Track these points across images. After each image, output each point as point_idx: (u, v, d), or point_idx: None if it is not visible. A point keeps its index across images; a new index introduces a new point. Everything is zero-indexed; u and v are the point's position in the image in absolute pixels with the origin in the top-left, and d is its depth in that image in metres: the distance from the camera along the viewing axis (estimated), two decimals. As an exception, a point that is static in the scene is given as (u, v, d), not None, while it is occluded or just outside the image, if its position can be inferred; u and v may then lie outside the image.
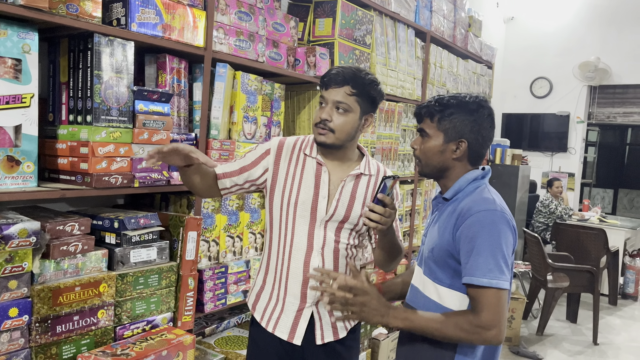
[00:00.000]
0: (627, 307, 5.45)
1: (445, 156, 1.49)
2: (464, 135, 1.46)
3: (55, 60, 1.88)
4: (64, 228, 1.66)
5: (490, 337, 1.32)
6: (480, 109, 1.47)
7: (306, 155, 1.70)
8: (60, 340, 1.63)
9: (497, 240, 1.35)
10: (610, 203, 10.89)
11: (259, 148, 1.75)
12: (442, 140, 1.48)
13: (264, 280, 1.76)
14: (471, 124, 1.46)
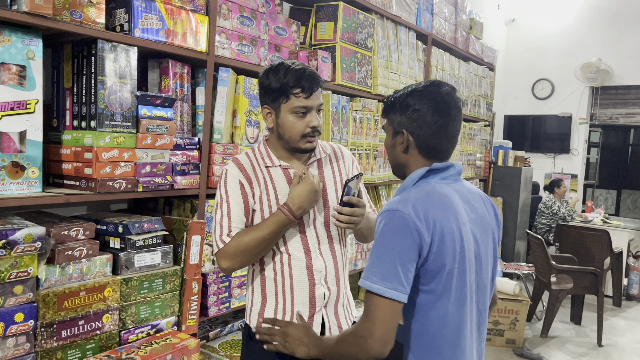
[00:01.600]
0: (632, 308, 5.44)
1: (396, 151, 1.38)
2: (404, 125, 1.33)
3: (59, 66, 1.89)
4: (69, 233, 1.67)
5: (370, 346, 1.17)
6: (420, 94, 1.32)
7: (268, 167, 1.64)
8: (66, 345, 1.63)
9: (392, 244, 1.20)
10: (613, 204, 10.86)
11: (229, 187, 1.59)
12: (391, 135, 1.39)
13: (263, 297, 1.65)
14: (410, 112, 1.31)
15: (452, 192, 1.32)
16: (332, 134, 2.82)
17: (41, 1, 1.52)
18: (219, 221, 1.59)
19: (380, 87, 3.24)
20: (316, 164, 1.71)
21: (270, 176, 1.63)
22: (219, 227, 1.58)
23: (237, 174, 1.61)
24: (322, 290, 1.65)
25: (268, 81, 1.58)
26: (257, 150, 1.69)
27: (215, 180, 2.19)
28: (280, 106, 1.58)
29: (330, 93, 2.82)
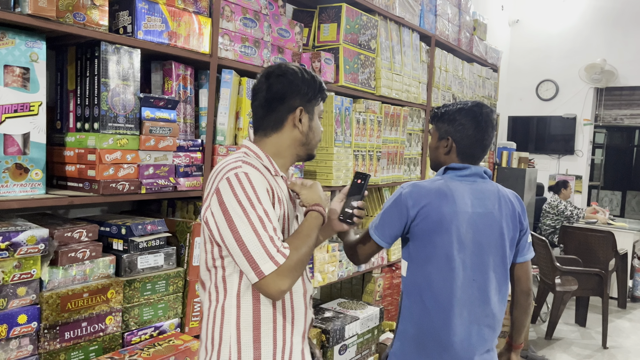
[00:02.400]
0: (637, 310, 5.41)
1: (439, 152, 1.76)
2: (450, 133, 1.71)
3: (62, 68, 1.90)
4: (72, 235, 1.67)
5: (355, 260, 1.77)
6: (466, 112, 1.69)
7: (274, 176, 1.40)
8: (69, 346, 1.63)
9: (387, 210, 1.69)
10: (618, 205, 10.81)
11: (260, 191, 1.27)
12: (437, 139, 1.77)
13: (256, 338, 1.32)
14: (457, 125, 1.69)
15: (461, 187, 1.65)
16: (335, 135, 2.82)
17: (44, 3, 1.53)
18: (264, 231, 1.22)
19: (384, 88, 3.23)
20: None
21: (278, 185, 1.40)
22: (269, 239, 1.22)
23: (262, 179, 1.31)
24: (310, 315, 1.48)
25: (307, 79, 1.40)
26: (254, 156, 1.39)
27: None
28: (313, 108, 1.43)
29: (334, 94, 2.82)
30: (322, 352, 2.69)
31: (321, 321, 2.78)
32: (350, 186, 1.53)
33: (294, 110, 1.40)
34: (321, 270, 2.80)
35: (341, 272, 2.96)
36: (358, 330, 2.86)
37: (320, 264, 2.79)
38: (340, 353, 2.74)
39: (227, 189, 1.25)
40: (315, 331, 2.64)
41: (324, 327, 2.71)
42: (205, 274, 1.37)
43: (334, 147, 2.81)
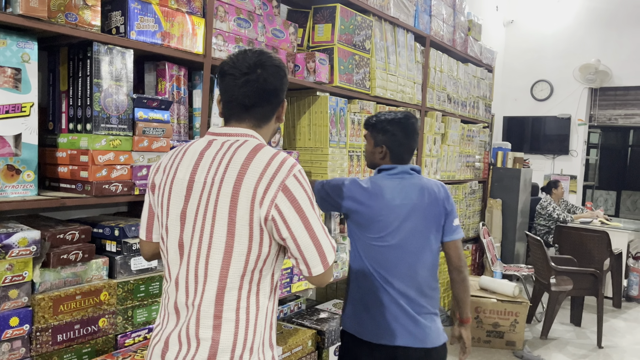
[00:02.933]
0: (632, 309, 5.42)
1: (375, 157, 2.06)
2: (384, 142, 2.00)
3: (54, 69, 1.88)
4: (64, 237, 1.66)
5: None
6: (397, 123, 2.00)
7: None
8: (62, 349, 1.62)
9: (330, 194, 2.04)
10: (613, 205, 10.85)
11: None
12: (372, 145, 2.05)
13: (273, 336, 1.42)
14: (390, 135, 2.00)
15: (388, 183, 1.97)
16: (330, 136, 2.81)
17: (36, 4, 1.52)
18: (323, 225, 1.33)
19: (379, 89, 3.23)
20: None
21: None
22: (327, 233, 1.33)
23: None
24: None
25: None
26: None
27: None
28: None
29: (328, 95, 2.81)
30: (317, 354, 2.68)
31: (316, 322, 2.78)
32: None
33: (281, 104, 1.41)
34: (316, 271, 2.79)
35: (336, 273, 2.95)
36: (353, 331, 2.85)
37: (315, 265, 2.78)
38: (336, 354, 2.73)
39: (297, 186, 1.26)
40: (310, 332, 2.63)
41: (319, 328, 2.70)
42: (237, 280, 1.27)
43: (328, 148, 2.80)
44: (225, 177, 1.25)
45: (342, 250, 3.01)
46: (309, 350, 2.60)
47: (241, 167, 1.24)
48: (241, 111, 1.35)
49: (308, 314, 2.93)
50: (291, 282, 2.63)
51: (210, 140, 1.33)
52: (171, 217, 1.30)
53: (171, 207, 1.31)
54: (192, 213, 1.27)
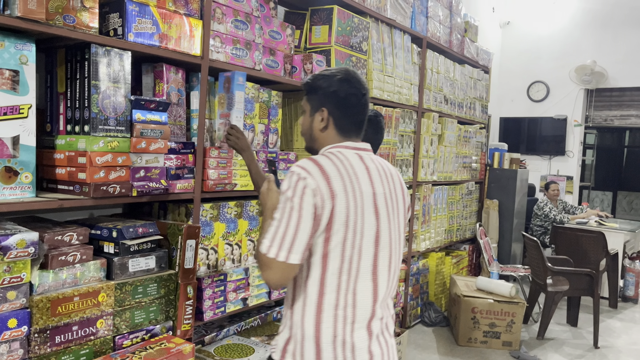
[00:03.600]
0: (628, 310, 5.44)
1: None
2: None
3: (52, 70, 1.89)
4: (62, 238, 1.66)
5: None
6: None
7: None
8: (60, 350, 1.62)
9: None
10: (609, 205, 10.89)
11: None
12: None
13: None
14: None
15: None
16: (327, 137, 2.82)
17: (34, 6, 1.52)
18: None
19: (376, 90, 3.24)
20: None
21: None
22: None
23: None
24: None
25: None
26: None
27: (210, 185, 2.19)
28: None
29: (325, 96, 2.82)
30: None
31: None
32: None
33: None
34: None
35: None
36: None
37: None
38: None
39: None
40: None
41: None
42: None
43: (326, 149, 2.81)
44: (396, 188, 1.45)
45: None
46: (306, 351, 2.61)
47: (398, 179, 1.48)
48: (361, 128, 1.48)
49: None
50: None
51: (358, 154, 1.42)
52: (366, 238, 1.34)
53: (365, 227, 1.34)
54: (385, 231, 1.39)
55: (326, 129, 1.46)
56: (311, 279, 1.34)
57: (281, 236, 1.29)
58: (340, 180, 1.32)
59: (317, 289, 1.33)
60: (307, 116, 1.51)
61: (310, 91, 1.50)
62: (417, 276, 4.29)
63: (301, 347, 1.35)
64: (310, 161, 1.34)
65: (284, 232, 1.29)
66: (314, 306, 1.34)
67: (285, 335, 1.40)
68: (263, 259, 1.32)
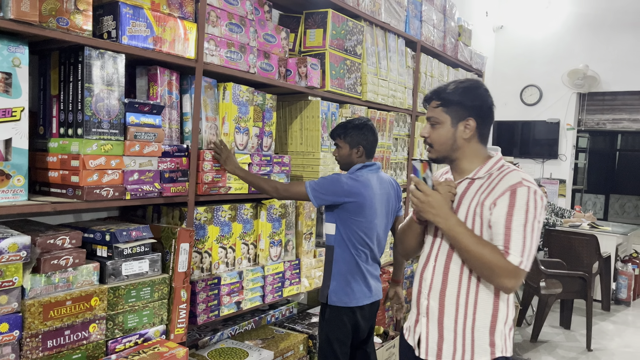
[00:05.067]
0: (620, 312, 5.48)
1: (352, 157, 2.49)
2: (360, 143, 2.46)
3: (45, 73, 1.88)
4: (55, 242, 1.65)
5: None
6: (366, 126, 2.46)
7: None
8: (52, 355, 1.61)
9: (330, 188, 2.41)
10: (601, 209, 10.95)
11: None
12: (348, 149, 2.49)
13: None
14: (364, 136, 2.45)
15: (372, 176, 2.42)
16: (322, 140, 2.82)
17: (27, 8, 1.51)
18: None
19: (370, 93, 3.25)
20: (466, 183, 1.67)
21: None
22: None
23: None
24: (424, 303, 1.67)
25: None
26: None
27: (204, 188, 2.18)
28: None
29: (320, 100, 2.82)
30: (308, 358, 2.68)
31: (308, 326, 2.78)
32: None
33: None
34: (308, 276, 2.80)
35: (328, 277, 2.95)
36: (345, 335, 2.85)
37: (307, 269, 2.79)
38: (327, 358, 2.73)
39: None
40: (301, 336, 2.63)
41: (310, 332, 2.70)
42: None
43: (320, 152, 2.81)
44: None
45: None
46: (300, 354, 2.60)
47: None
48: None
49: (300, 318, 2.93)
50: (283, 287, 2.63)
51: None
52: None
53: None
54: None
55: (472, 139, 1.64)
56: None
57: (529, 250, 1.47)
58: None
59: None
60: (449, 126, 1.63)
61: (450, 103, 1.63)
62: (411, 279, 4.29)
63: None
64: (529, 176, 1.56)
65: (530, 246, 1.48)
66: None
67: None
68: (515, 270, 1.47)
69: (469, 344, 1.59)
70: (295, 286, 2.72)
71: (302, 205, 2.77)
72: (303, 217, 2.78)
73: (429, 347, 1.65)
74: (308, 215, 2.80)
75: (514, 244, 1.45)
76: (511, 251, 1.46)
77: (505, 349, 1.62)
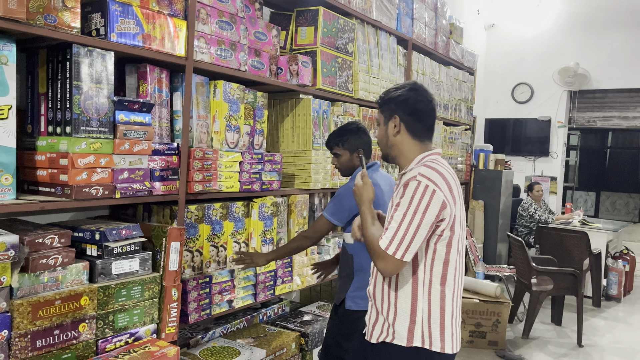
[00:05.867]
0: (611, 308, 5.51)
1: (353, 162, 2.40)
2: (360, 146, 2.39)
3: (33, 71, 1.86)
4: (44, 241, 1.64)
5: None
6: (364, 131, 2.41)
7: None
8: (41, 355, 1.60)
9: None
10: (592, 206, 11.04)
11: None
12: (348, 155, 2.39)
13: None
14: (365, 140, 2.41)
15: (376, 175, 2.37)
16: (313, 138, 2.82)
17: (14, 5, 1.50)
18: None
19: (361, 91, 3.25)
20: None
21: None
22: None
23: None
24: (371, 289, 1.77)
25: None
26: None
27: (194, 186, 2.17)
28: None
29: (311, 97, 2.82)
30: (301, 356, 2.68)
31: (300, 324, 2.78)
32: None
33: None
34: (300, 274, 2.80)
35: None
36: (337, 333, 2.85)
37: (299, 268, 2.78)
38: (320, 356, 2.74)
39: None
40: (294, 334, 2.63)
41: (302, 330, 2.70)
42: None
43: (312, 150, 2.81)
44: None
45: (326, 252, 3.01)
46: (292, 352, 2.60)
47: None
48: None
49: (292, 316, 2.92)
50: (275, 285, 2.63)
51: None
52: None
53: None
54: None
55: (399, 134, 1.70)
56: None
57: (400, 238, 1.56)
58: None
59: None
60: (382, 126, 1.74)
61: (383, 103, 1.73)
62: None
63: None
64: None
65: (403, 235, 1.57)
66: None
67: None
68: (383, 254, 1.57)
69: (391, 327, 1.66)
70: (288, 284, 2.71)
71: (293, 204, 2.77)
72: (295, 215, 2.77)
73: (367, 328, 1.75)
74: (300, 213, 2.80)
75: (389, 231, 1.55)
76: (383, 236, 1.55)
77: (430, 342, 1.62)
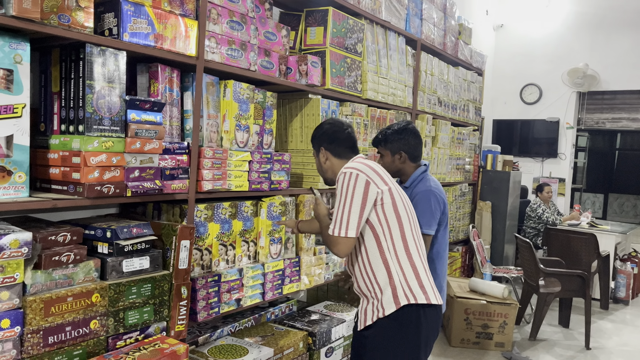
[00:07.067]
0: (619, 311, 5.49)
1: (395, 164, 2.42)
2: (401, 149, 2.39)
3: (46, 70, 1.88)
4: (56, 238, 1.65)
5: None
6: (411, 130, 2.41)
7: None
8: (53, 351, 1.62)
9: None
10: (600, 208, 10.97)
11: None
12: (390, 156, 2.42)
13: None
14: (404, 141, 2.40)
15: (432, 177, 2.43)
16: (321, 138, 2.82)
17: (29, 5, 1.51)
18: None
19: (370, 91, 3.25)
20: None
21: None
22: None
23: None
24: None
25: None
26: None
27: (204, 185, 2.19)
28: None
29: (320, 97, 2.83)
30: (308, 355, 2.69)
31: (307, 324, 2.79)
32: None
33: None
34: (307, 273, 2.81)
35: (327, 275, 2.96)
36: (344, 332, 2.86)
37: (306, 267, 2.79)
38: (327, 356, 2.74)
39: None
40: (301, 334, 2.64)
41: (310, 329, 2.71)
42: None
43: (320, 150, 2.81)
44: None
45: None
46: (300, 352, 2.61)
47: None
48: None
49: (299, 315, 2.93)
50: (282, 284, 2.64)
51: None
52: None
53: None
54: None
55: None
56: None
57: (341, 220, 1.88)
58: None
59: None
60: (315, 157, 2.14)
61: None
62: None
63: None
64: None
65: (343, 217, 1.88)
66: None
67: None
68: (333, 238, 1.88)
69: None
70: (295, 284, 2.72)
71: (302, 203, 2.78)
72: (303, 214, 2.78)
73: (360, 319, 2.01)
74: (308, 213, 2.81)
75: (333, 220, 1.87)
76: (331, 225, 1.88)
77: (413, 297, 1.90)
